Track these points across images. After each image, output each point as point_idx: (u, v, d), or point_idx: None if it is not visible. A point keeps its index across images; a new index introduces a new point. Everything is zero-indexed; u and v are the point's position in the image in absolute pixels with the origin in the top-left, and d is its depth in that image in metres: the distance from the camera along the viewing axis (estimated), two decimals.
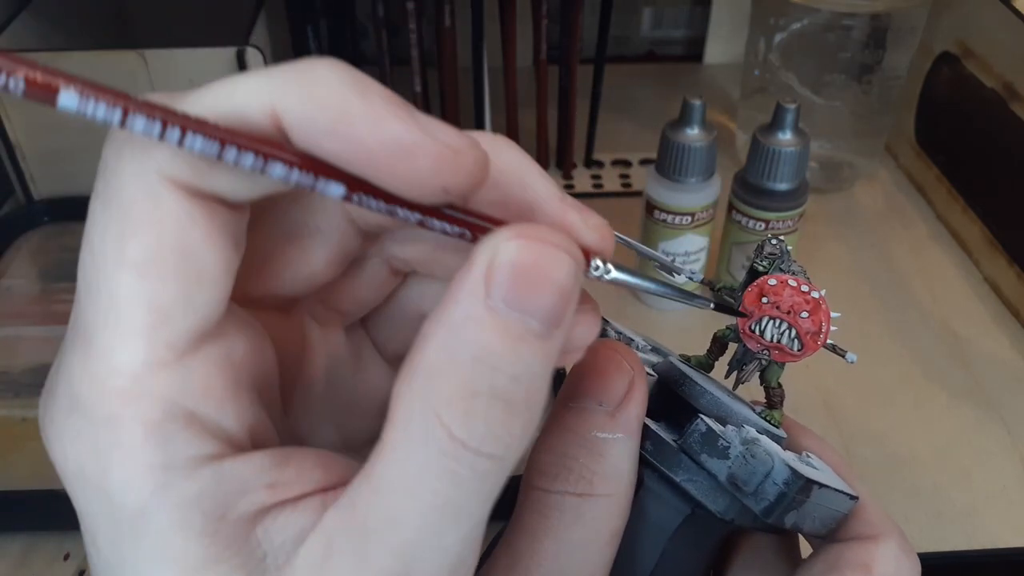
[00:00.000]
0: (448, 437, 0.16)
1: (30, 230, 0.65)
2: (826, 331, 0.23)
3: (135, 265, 0.16)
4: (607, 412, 0.22)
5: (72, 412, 0.16)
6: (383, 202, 0.16)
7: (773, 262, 0.24)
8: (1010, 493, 0.49)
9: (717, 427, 0.22)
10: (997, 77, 0.63)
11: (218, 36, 0.60)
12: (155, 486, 0.16)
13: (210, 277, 0.17)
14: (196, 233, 0.16)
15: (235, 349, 0.18)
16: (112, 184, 0.16)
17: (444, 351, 0.16)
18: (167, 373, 0.16)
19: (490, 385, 0.16)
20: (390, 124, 0.15)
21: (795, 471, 0.21)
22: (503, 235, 0.16)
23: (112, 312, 0.16)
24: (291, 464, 0.17)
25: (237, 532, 0.17)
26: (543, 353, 0.16)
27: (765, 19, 0.69)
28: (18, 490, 0.45)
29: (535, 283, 0.16)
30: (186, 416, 0.16)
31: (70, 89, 0.14)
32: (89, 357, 0.16)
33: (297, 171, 0.16)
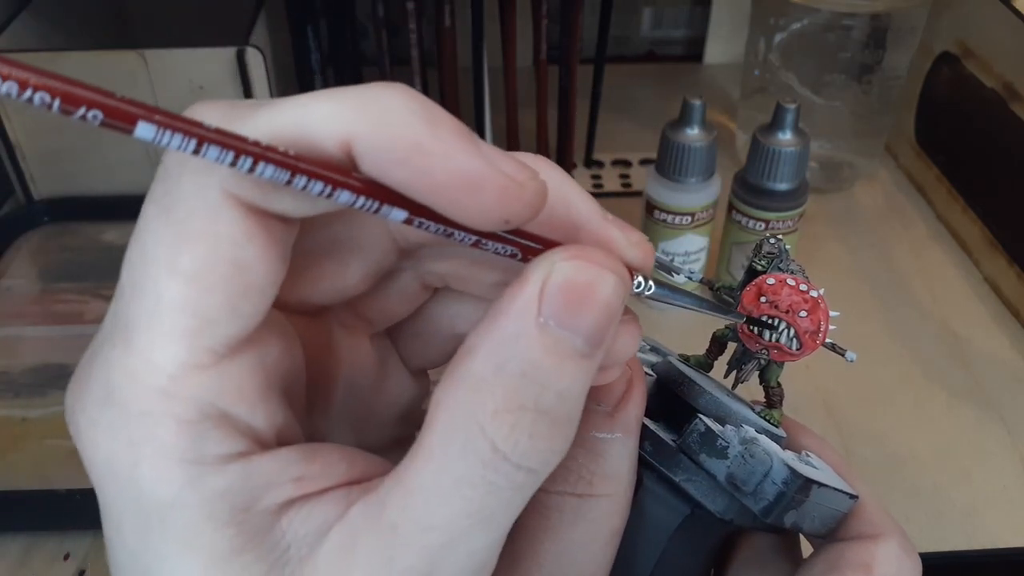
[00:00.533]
0: (491, 448, 0.16)
1: (30, 230, 0.65)
2: (825, 330, 0.23)
3: (186, 274, 0.16)
4: (605, 412, 0.22)
5: (107, 404, 0.17)
6: (443, 226, 0.17)
7: (771, 261, 0.24)
8: (1010, 493, 0.49)
9: (716, 427, 0.22)
10: (997, 77, 0.63)
11: (218, 36, 0.60)
12: (186, 479, 0.16)
13: (258, 290, 0.17)
14: (251, 250, 0.17)
15: (269, 353, 0.18)
16: (172, 192, 0.16)
17: (492, 364, 0.16)
18: (204, 375, 0.17)
19: (536, 401, 0.16)
20: (459, 157, 0.16)
21: (794, 470, 0.21)
22: (558, 255, 0.17)
23: (157, 314, 0.16)
24: (317, 459, 0.18)
25: (262, 523, 0.17)
26: (585, 371, 0.17)
27: (765, 19, 0.69)
28: (18, 490, 0.45)
29: (586, 303, 0.17)
30: (219, 416, 0.17)
31: (148, 122, 0.14)
32: (129, 354, 0.17)
33: (363, 198, 0.16)
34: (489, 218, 0.16)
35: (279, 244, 0.17)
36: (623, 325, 0.19)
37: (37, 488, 0.45)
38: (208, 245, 0.16)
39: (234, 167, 0.15)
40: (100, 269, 0.60)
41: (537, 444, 0.16)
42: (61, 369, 0.53)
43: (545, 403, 0.16)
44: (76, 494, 0.44)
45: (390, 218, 0.16)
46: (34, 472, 0.47)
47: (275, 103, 0.16)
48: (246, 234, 0.16)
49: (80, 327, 0.56)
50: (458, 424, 0.16)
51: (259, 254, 0.17)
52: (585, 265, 0.17)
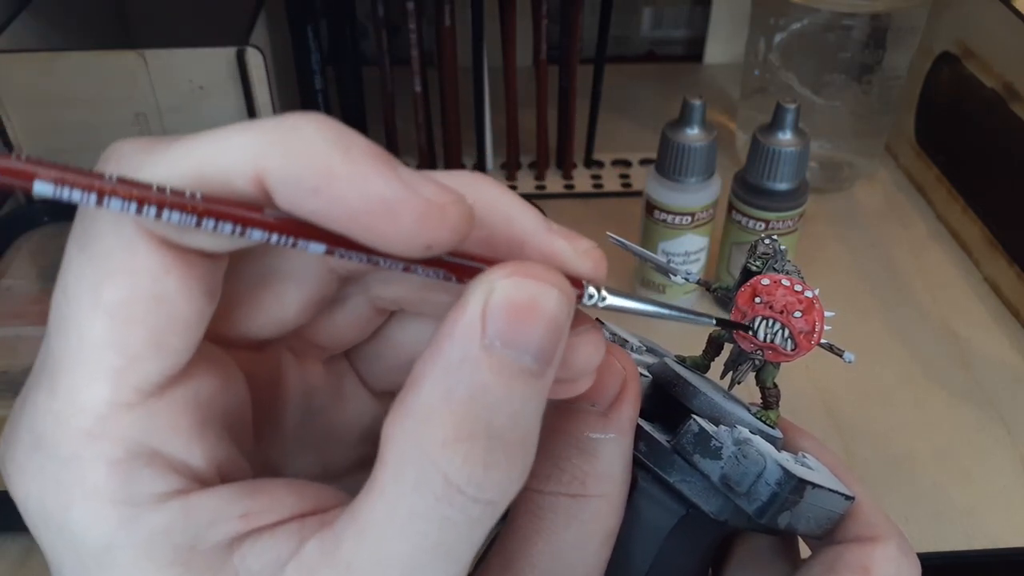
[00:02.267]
0: (443, 482, 0.16)
1: (30, 230, 0.65)
2: (820, 330, 0.23)
3: (108, 310, 0.16)
4: (599, 413, 0.22)
5: (35, 450, 0.16)
6: (365, 255, 0.16)
7: (766, 262, 0.24)
8: (1010, 493, 0.49)
9: (710, 427, 0.22)
10: (997, 77, 0.63)
11: (218, 36, 0.60)
12: (119, 521, 0.16)
13: (182, 325, 0.17)
14: (171, 283, 0.16)
15: (203, 388, 0.18)
16: (90, 230, 0.16)
17: (439, 391, 0.16)
18: (132, 414, 0.16)
19: (487, 426, 0.16)
20: (373, 182, 0.15)
21: (787, 471, 0.21)
22: (497, 273, 0.16)
23: (81, 353, 0.16)
24: (262, 493, 0.17)
25: (212, 560, 0.16)
26: (536, 391, 0.16)
27: (765, 19, 0.69)
28: None
29: (528, 320, 0.16)
30: (150, 455, 0.16)
31: (45, 180, 0.14)
32: (55, 396, 0.16)
33: (276, 234, 0.15)
34: (410, 244, 0.16)
35: (202, 278, 0.17)
36: (583, 335, 0.19)
37: None
38: (128, 280, 0.16)
39: (139, 215, 0.15)
40: None
41: (492, 474, 0.16)
42: None
43: (497, 427, 0.16)
44: None
45: (309, 251, 0.16)
46: None
47: (192, 139, 0.16)
48: (163, 267, 0.16)
49: None
50: (408, 458, 0.16)
51: (179, 287, 0.16)
52: (525, 281, 0.16)
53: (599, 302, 0.19)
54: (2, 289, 0.60)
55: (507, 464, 0.16)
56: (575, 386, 0.20)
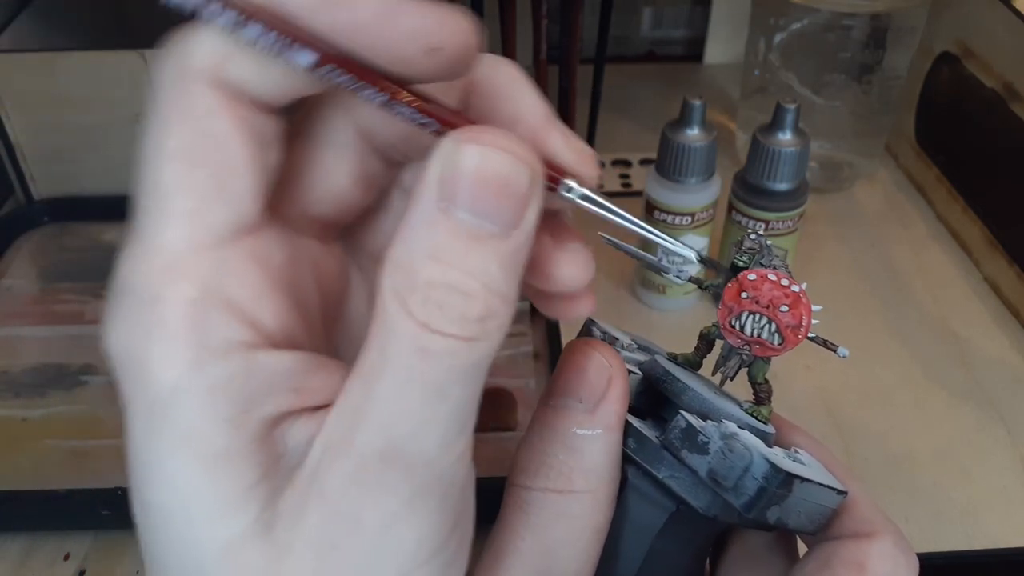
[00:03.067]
0: (413, 321, 0.17)
1: (30, 230, 0.65)
2: (807, 324, 0.23)
3: (172, 154, 0.17)
4: (586, 409, 0.22)
5: (123, 296, 0.18)
6: (353, 74, 0.17)
7: (753, 257, 0.24)
8: (1010, 493, 0.49)
9: (697, 422, 0.22)
10: (997, 77, 0.63)
11: None
12: (190, 362, 0.17)
13: (240, 167, 0.18)
14: (222, 122, 0.18)
15: (274, 252, 0.19)
16: (157, 92, 0.18)
17: (404, 249, 0.17)
18: (207, 255, 0.18)
19: (443, 278, 0.17)
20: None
21: (774, 465, 0.21)
22: (455, 139, 0.17)
23: (156, 199, 0.18)
24: (320, 372, 0.19)
25: (260, 430, 0.18)
26: (500, 252, 0.17)
27: (765, 19, 0.69)
28: (18, 490, 0.45)
29: (488, 187, 0.17)
30: (224, 300, 0.17)
31: None
32: (139, 243, 0.18)
33: (273, 33, 0.17)
34: (412, 43, 0.17)
35: (251, 124, 0.18)
36: (569, 253, 0.20)
37: (37, 488, 0.45)
38: (185, 122, 0.18)
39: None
40: (100, 269, 0.60)
41: (450, 313, 0.17)
42: (61, 369, 0.53)
43: (453, 280, 0.17)
44: (76, 494, 0.44)
45: (298, 61, 0.17)
46: (34, 472, 0.47)
47: None
48: (210, 108, 0.18)
49: (80, 327, 0.56)
50: (387, 303, 0.17)
51: (229, 127, 0.18)
52: (483, 148, 0.17)
53: (576, 197, 0.20)
54: (2, 289, 0.60)
55: (465, 308, 0.17)
56: (572, 306, 0.21)
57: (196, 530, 0.17)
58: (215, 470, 0.17)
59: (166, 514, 0.18)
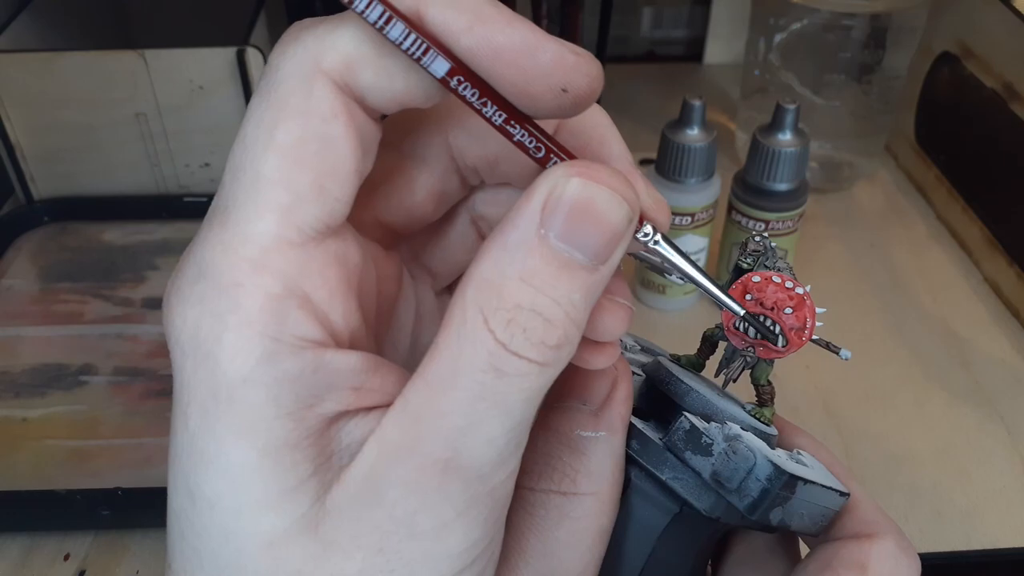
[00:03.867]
0: (493, 339, 0.17)
1: (30, 230, 0.65)
2: (811, 327, 0.23)
3: (281, 148, 0.17)
4: (590, 411, 0.22)
5: (199, 279, 0.18)
6: (477, 90, 0.18)
7: (757, 259, 0.24)
8: (1010, 493, 0.49)
9: (701, 424, 0.22)
10: (997, 77, 0.63)
11: (218, 36, 0.60)
12: (262, 355, 0.17)
13: (343, 171, 0.18)
14: (338, 128, 0.18)
15: (351, 256, 0.19)
16: (273, 79, 0.18)
17: (495, 268, 0.17)
18: (293, 253, 0.18)
19: (531, 302, 0.17)
20: (519, 27, 0.17)
21: (777, 466, 0.21)
22: (566, 169, 0.18)
23: (253, 190, 0.18)
24: (380, 373, 0.19)
25: (318, 425, 0.18)
26: (585, 283, 0.18)
27: (765, 19, 0.69)
28: (18, 490, 0.45)
29: (588, 221, 0.18)
30: (302, 297, 0.18)
31: None
32: (225, 228, 0.18)
33: (414, 35, 0.17)
34: (546, 83, 0.18)
35: (361, 132, 0.18)
36: (613, 307, 0.20)
37: (37, 488, 0.45)
38: (300, 120, 0.17)
39: None
40: (100, 269, 0.60)
41: (531, 337, 0.17)
42: (61, 369, 0.53)
43: (540, 305, 0.17)
44: (76, 494, 0.44)
45: (432, 68, 0.17)
46: (34, 472, 0.47)
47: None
48: (333, 111, 0.18)
49: (80, 327, 0.56)
50: (468, 318, 0.17)
51: (344, 134, 0.18)
52: (590, 183, 0.18)
53: (652, 242, 0.20)
54: (2, 289, 0.60)
55: (545, 334, 0.17)
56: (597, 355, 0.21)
57: (243, 521, 0.18)
58: (272, 462, 0.17)
59: (214, 502, 0.18)
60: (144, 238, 0.63)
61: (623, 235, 0.18)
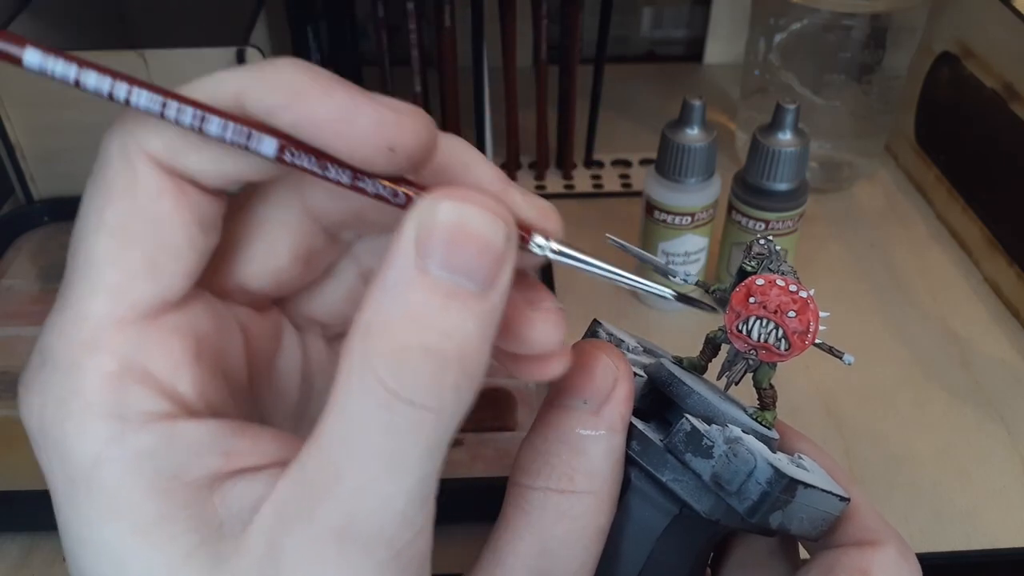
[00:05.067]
0: (383, 389, 0.16)
1: (30, 230, 0.65)
2: (814, 330, 0.23)
3: (110, 229, 0.18)
4: (591, 410, 0.22)
5: (41, 366, 0.18)
6: (314, 158, 0.18)
7: (761, 262, 0.24)
8: (1010, 493, 0.49)
9: (701, 426, 0.22)
10: (997, 77, 0.63)
11: (218, 36, 0.60)
12: (108, 435, 0.17)
13: (175, 248, 0.18)
14: (165, 205, 0.18)
15: (199, 325, 0.19)
16: (101, 162, 0.18)
17: (377, 311, 0.17)
18: (127, 330, 0.17)
19: (420, 340, 0.16)
20: (336, 94, 0.17)
21: (778, 470, 0.21)
22: (433, 197, 0.17)
23: (84, 270, 0.18)
24: (246, 435, 0.18)
25: (192, 496, 0.17)
26: (477, 311, 0.17)
27: (765, 19, 0.69)
28: (18, 490, 0.45)
29: (464, 244, 0.17)
30: (141, 373, 0.17)
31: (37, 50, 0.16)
32: (61, 312, 0.18)
33: (232, 124, 0.17)
34: (371, 146, 0.17)
35: (196, 209, 0.18)
36: (541, 312, 0.20)
37: (37, 488, 0.45)
38: (127, 201, 0.18)
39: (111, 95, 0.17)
40: None
41: (424, 381, 0.16)
42: None
43: (429, 342, 0.16)
44: None
45: (261, 150, 0.17)
46: (34, 472, 0.47)
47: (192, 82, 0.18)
48: (159, 190, 0.18)
49: None
50: (354, 370, 0.17)
51: (172, 212, 0.18)
52: (460, 204, 0.17)
53: (548, 252, 0.20)
54: (2, 289, 0.60)
55: (440, 373, 0.16)
56: (545, 367, 0.20)
57: None
58: (148, 539, 0.17)
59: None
60: None
61: (504, 253, 0.17)
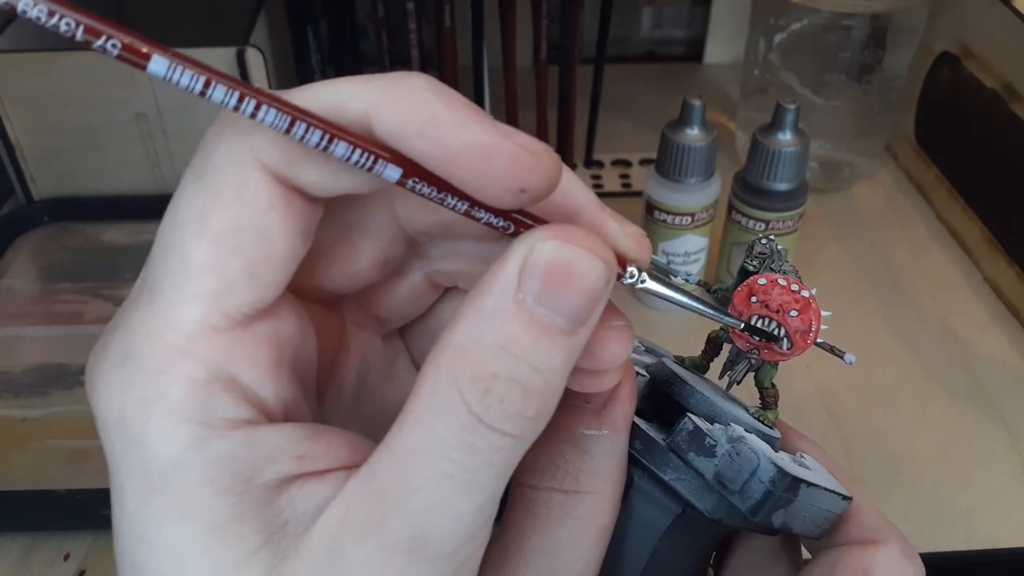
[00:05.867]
0: (467, 412, 0.17)
1: (30, 230, 0.65)
2: (816, 330, 0.23)
3: (213, 236, 0.17)
4: (594, 410, 0.22)
5: (124, 363, 0.17)
6: (435, 189, 0.17)
7: (763, 262, 0.24)
8: (1010, 493, 0.49)
9: (704, 425, 0.22)
10: (997, 77, 0.63)
11: (218, 36, 0.60)
12: (191, 440, 0.17)
13: (277, 261, 0.18)
14: (274, 218, 0.17)
15: (283, 330, 0.19)
16: (208, 161, 0.17)
17: (471, 335, 0.17)
18: (219, 338, 0.17)
19: (510, 371, 0.17)
20: (473, 128, 0.17)
21: (781, 468, 0.21)
22: (541, 234, 0.17)
23: (181, 275, 0.17)
24: (320, 439, 0.18)
25: (262, 496, 0.17)
26: (565, 348, 0.17)
27: (765, 19, 0.69)
28: (18, 490, 0.45)
29: (566, 284, 0.17)
30: (228, 381, 0.17)
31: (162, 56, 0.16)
32: (152, 312, 0.17)
33: (360, 150, 0.17)
34: (503, 186, 0.17)
35: (300, 220, 0.18)
36: (614, 331, 0.20)
37: (37, 488, 0.45)
38: (235, 210, 0.17)
39: (239, 110, 0.16)
40: (100, 269, 0.60)
41: (509, 409, 0.17)
42: (61, 369, 0.53)
43: (518, 374, 0.17)
44: (76, 494, 0.44)
45: (384, 175, 0.17)
46: (34, 472, 0.47)
47: (309, 86, 0.17)
48: (271, 203, 0.17)
49: (80, 327, 0.56)
50: (440, 389, 0.17)
51: (281, 224, 0.17)
52: (567, 245, 0.17)
53: (638, 283, 0.20)
54: (2, 289, 0.60)
55: (523, 404, 0.17)
56: (602, 380, 0.20)
57: None
58: (217, 538, 0.17)
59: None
60: (144, 238, 0.63)
61: (601, 295, 0.18)
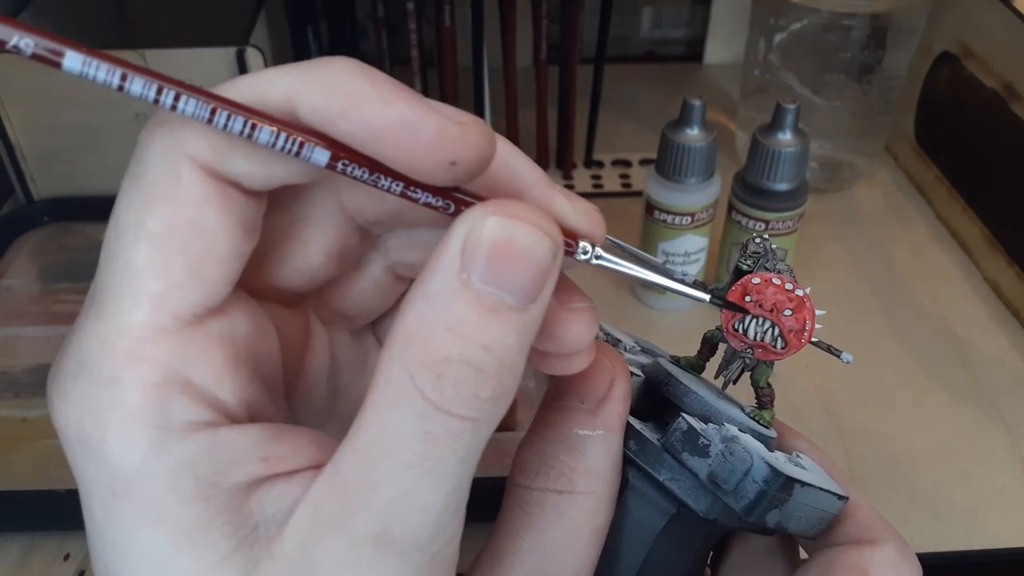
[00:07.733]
0: (422, 398, 0.16)
1: (30, 230, 0.65)
2: (810, 329, 0.23)
3: (152, 236, 0.17)
4: (588, 410, 0.22)
5: (79, 374, 0.17)
6: (367, 170, 0.17)
7: (757, 260, 0.24)
8: (1010, 493, 0.49)
9: (698, 425, 0.22)
10: (997, 77, 0.63)
11: (218, 36, 0.60)
12: (150, 446, 0.17)
13: (219, 255, 0.17)
14: (210, 213, 0.17)
15: (238, 329, 0.19)
16: (143, 162, 0.17)
17: (418, 320, 0.17)
18: (169, 340, 0.17)
19: (460, 352, 0.17)
20: (397, 104, 0.17)
21: (774, 468, 0.21)
22: (481, 211, 0.17)
23: (125, 279, 0.17)
24: (285, 439, 0.18)
25: (230, 501, 0.17)
26: (517, 325, 0.17)
27: (765, 19, 0.69)
28: (18, 490, 0.45)
29: (510, 260, 0.17)
30: (183, 383, 0.17)
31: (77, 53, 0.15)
32: (100, 320, 0.17)
33: (284, 135, 0.16)
34: (433, 160, 0.17)
35: (240, 214, 0.18)
36: (575, 312, 0.20)
37: (37, 488, 0.45)
38: (171, 207, 0.17)
39: (159, 101, 0.16)
40: None
41: (463, 392, 0.17)
42: None
43: (469, 355, 0.17)
44: (76, 494, 0.44)
45: (313, 159, 0.17)
46: (34, 472, 0.47)
47: (235, 79, 0.17)
48: (204, 197, 0.17)
49: None
50: (393, 378, 0.17)
51: (218, 219, 0.17)
52: (508, 220, 0.17)
53: (592, 259, 0.20)
54: (2, 289, 0.60)
55: (478, 386, 0.17)
56: (570, 362, 0.20)
57: None
58: (186, 545, 0.17)
59: None
60: None
61: (549, 269, 0.17)
